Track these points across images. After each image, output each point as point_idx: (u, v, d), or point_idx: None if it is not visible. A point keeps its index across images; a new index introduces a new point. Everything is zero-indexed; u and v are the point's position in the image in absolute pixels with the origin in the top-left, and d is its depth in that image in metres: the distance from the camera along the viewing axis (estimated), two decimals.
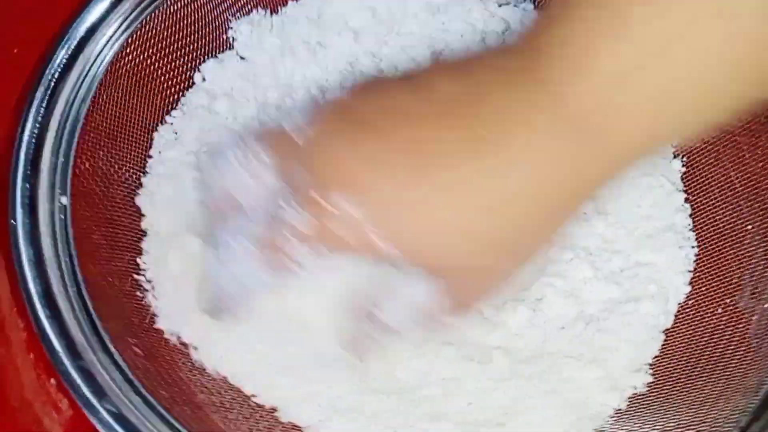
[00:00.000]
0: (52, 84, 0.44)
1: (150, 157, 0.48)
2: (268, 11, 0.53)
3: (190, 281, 0.44)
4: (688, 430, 0.40)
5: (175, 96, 0.50)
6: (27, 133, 0.43)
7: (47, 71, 0.44)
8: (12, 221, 0.40)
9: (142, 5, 0.48)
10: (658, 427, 0.41)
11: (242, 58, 0.51)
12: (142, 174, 0.47)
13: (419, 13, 0.52)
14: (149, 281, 0.44)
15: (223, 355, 0.43)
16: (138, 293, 0.44)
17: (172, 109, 0.50)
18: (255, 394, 0.43)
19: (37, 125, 0.43)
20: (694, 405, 0.41)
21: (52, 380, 0.39)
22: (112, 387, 0.37)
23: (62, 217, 0.42)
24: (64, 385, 0.37)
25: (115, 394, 0.37)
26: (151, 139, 0.49)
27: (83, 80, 0.45)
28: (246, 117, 0.50)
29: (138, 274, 0.44)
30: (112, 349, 0.39)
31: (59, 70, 0.45)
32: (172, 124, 0.49)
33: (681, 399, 0.41)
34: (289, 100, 0.50)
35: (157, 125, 0.49)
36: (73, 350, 0.37)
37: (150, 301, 0.44)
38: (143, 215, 0.46)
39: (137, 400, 0.38)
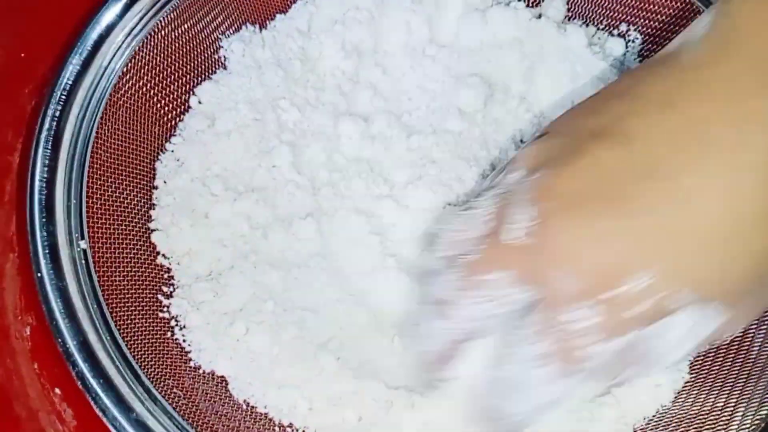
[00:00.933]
0: (55, 125, 0.43)
1: (155, 188, 0.47)
2: (257, 27, 0.52)
3: (219, 313, 0.43)
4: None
5: (173, 122, 0.49)
6: (37, 177, 0.41)
7: (48, 112, 0.43)
8: (38, 274, 0.39)
9: (133, 33, 0.46)
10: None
11: (236, 76, 0.50)
12: (151, 207, 0.46)
13: (411, 22, 0.52)
14: (175, 318, 0.44)
15: (259, 386, 0.43)
16: (167, 332, 0.43)
17: (171, 136, 0.49)
18: (292, 422, 0.43)
19: (46, 169, 0.42)
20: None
21: (57, 390, 0.39)
22: None
23: (83, 262, 0.41)
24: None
25: None
26: (155, 170, 0.47)
27: (84, 117, 0.44)
28: (247, 137, 0.49)
29: (162, 312, 0.44)
30: (158, 396, 0.38)
31: (59, 109, 0.43)
32: (173, 151, 0.48)
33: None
34: (286, 115, 0.49)
35: (159, 154, 0.48)
36: (124, 404, 0.37)
37: (179, 338, 0.43)
38: (159, 252, 0.45)
39: None
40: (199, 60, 0.50)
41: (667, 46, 0.36)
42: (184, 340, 0.43)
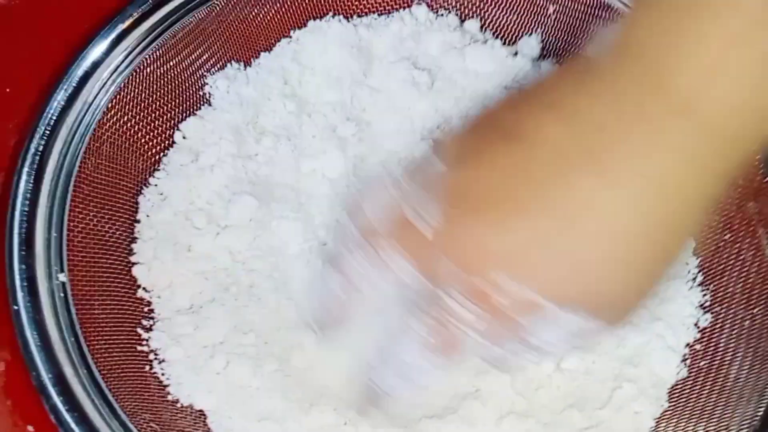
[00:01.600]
0: (37, 159, 0.43)
1: (138, 221, 0.47)
2: (242, 64, 0.52)
3: (199, 346, 0.43)
4: None
5: (157, 157, 0.49)
6: (18, 210, 0.42)
7: (31, 146, 0.43)
8: (14, 306, 0.39)
9: (119, 69, 0.47)
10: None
11: (221, 112, 0.51)
12: (132, 241, 0.47)
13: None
14: (154, 351, 0.44)
15: (238, 419, 0.43)
16: (146, 366, 0.43)
17: (155, 170, 0.49)
18: None
19: (27, 202, 0.42)
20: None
21: (30, 427, 0.38)
22: None
23: (62, 295, 0.41)
24: None
25: None
26: (137, 204, 0.48)
27: (67, 152, 0.44)
28: (230, 173, 0.49)
29: (141, 345, 0.44)
30: (133, 429, 0.38)
31: (42, 143, 0.44)
32: (156, 185, 0.49)
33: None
34: (273, 152, 0.50)
35: (142, 188, 0.48)
36: None
37: (157, 372, 0.43)
38: (140, 286, 0.45)
39: None
40: (184, 96, 0.51)
41: (584, 51, 0.36)
42: (162, 374, 0.43)
